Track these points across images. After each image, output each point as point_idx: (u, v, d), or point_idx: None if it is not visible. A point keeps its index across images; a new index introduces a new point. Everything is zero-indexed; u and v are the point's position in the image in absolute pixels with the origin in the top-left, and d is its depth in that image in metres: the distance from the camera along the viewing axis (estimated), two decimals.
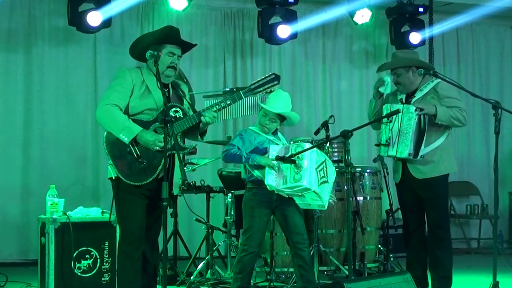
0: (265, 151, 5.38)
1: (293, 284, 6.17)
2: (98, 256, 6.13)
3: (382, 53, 9.86)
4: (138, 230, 5.02)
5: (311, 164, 5.21)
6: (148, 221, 5.08)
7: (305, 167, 5.17)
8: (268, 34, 8.83)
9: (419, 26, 9.44)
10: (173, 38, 5.13)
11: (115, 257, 5.76)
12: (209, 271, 6.68)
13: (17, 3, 8.46)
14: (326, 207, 5.43)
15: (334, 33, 9.76)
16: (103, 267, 6.15)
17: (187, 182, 4.72)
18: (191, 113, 5.14)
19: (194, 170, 7.25)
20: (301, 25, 9.07)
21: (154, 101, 5.05)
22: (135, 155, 4.97)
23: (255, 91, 5.29)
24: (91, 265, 6.11)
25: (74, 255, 6.06)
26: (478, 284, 6.94)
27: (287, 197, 5.37)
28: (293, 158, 5.18)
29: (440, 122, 5.83)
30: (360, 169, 7.01)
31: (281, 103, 5.43)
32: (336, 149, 7.08)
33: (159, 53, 5.01)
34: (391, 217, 6.95)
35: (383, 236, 7.11)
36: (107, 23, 8.17)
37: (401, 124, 5.77)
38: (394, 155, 5.85)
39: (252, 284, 6.37)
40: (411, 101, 5.89)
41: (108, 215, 5.87)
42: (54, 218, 6.06)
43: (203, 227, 6.99)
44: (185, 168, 6.35)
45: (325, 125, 6.55)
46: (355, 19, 9.18)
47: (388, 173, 6.83)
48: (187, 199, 6.95)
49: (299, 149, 5.21)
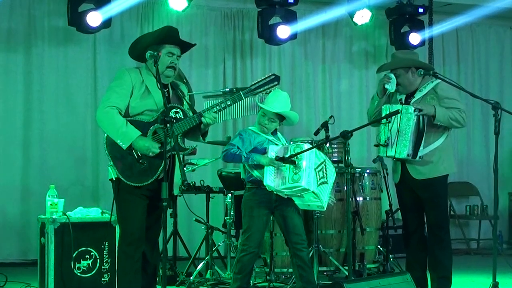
0: (264, 151, 5.37)
1: (292, 285, 6.16)
2: (97, 256, 6.13)
3: (382, 54, 9.86)
4: (138, 230, 5.02)
5: (310, 164, 5.20)
6: (148, 222, 5.08)
7: (304, 168, 5.17)
8: (268, 35, 8.82)
9: (419, 26, 9.43)
10: (172, 38, 5.12)
11: (115, 257, 5.76)
12: (208, 271, 6.68)
13: (17, 3, 8.45)
14: (325, 208, 5.43)
15: (334, 34, 9.76)
16: (103, 267, 6.14)
17: (186, 182, 4.72)
18: (191, 113, 5.14)
19: (193, 171, 7.25)
20: (301, 25, 9.06)
21: (154, 102, 5.05)
22: (135, 156, 4.97)
23: (255, 92, 5.29)
24: (90, 265, 6.11)
25: (74, 255, 6.06)
26: (478, 285, 6.94)
27: (286, 197, 5.37)
28: (292, 159, 5.18)
29: (439, 123, 5.82)
30: (359, 169, 7.01)
31: (279, 103, 5.42)
32: (335, 150, 7.08)
33: (159, 53, 5.01)
34: (390, 218, 6.96)
35: (383, 236, 7.10)
36: (107, 23, 8.17)
37: (400, 124, 5.76)
38: (393, 156, 5.84)
39: (252, 284, 6.37)
40: (411, 102, 5.88)
41: (108, 215, 5.87)
42: (54, 218, 6.06)
43: (203, 227, 6.98)
44: (185, 168, 6.35)
45: (324, 125, 6.55)
46: (355, 19, 9.17)
47: (387, 174, 6.83)
48: (186, 199, 6.94)
49: (298, 149, 5.20)
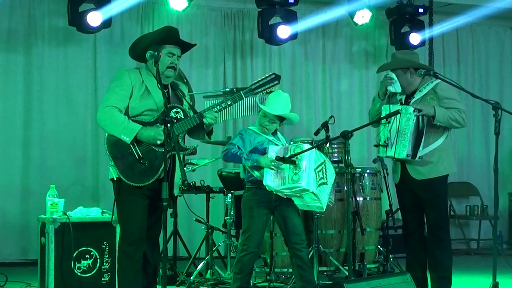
0: (264, 151, 5.38)
1: (292, 285, 6.16)
2: (98, 256, 6.13)
3: (382, 54, 9.86)
4: (139, 230, 5.02)
5: (309, 165, 5.21)
6: (149, 221, 5.08)
7: (303, 168, 5.17)
8: (268, 35, 8.82)
9: (419, 26, 9.43)
10: (172, 38, 5.12)
11: (115, 257, 5.76)
12: (208, 271, 6.68)
13: (17, 3, 8.45)
14: (324, 209, 5.44)
15: (334, 34, 9.76)
16: (103, 267, 6.14)
17: (187, 182, 4.71)
18: (191, 113, 5.14)
19: (194, 171, 7.25)
20: (301, 25, 9.06)
21: (154, 102, 5.05)
22: (136, 156, 4.97)
23: (256, 91, 5.28)
24: (91, 265, 6.11)
25: (74, 255, 6.06)
26: (478, 285, 6.94)
27: (285, 197, 5.37)
28: (292, 159, 5.18)
29: (438, 123, 5.81)
30: (360, 169, 7.01)
31: (280, 104, 5.42)
32: (336, 150, 7.08)
33: (159, 53, 5.01)
34: (390, 218, 6.96)
35: (383, 236, 7.10)
36: (107, 23, 8.17)
37: (399, 125, 5.75)
38: (392, 156, 5.84)
39: (252, 284, 6.37)
40: (410, 102, 5.88)
41: (108, 215, 5.87)
42: (54, 218, 6.06)
43: (203, 227, 6.98)
44: (185, 168, 6.35)
45: (325, 125, 6.55)
46: (355, 19, 9.17)
47: (388, 174, 6.83)
48: (187, 199, 6.95)
49: (298, 149, 5.21)
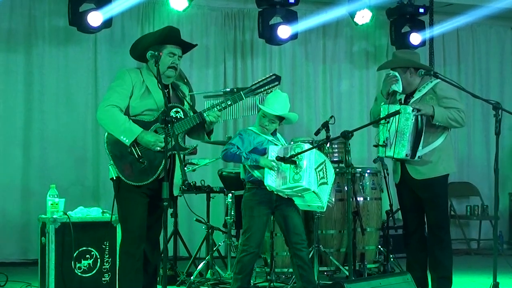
0: (264, 152, 5.38)
1: (293, 285, 6.16)
2: (98, 256, 6.13)
3: (382, 54, 9.85)
4: (139, 229, 5.02)
5: (310, 164, 5.21)
6: (149, 221, 5.08)
7: (304, 168, 5.18)
8: (268, 35, 8.82)
9: (419, 26, 9.43)
10: (173, 38, 5.12)
11: (116, 257, 5.76)
12: (209, 271, 6.68)
13: (17, 3, 8.45)
14: (325, 209, 5.44)
15: (334, 34, 9.75)
16: (103, 267, 6.14)
17: (187, 182, 4.72)
18: (191, 113, 5.14)
19: (194, 171, 7.25)
20: (302, 25, 9.06)
21: (154, 102, 5.05)
22: (136, 155, 4.97)
23: (256, 92, 5.28)
24: (91, 265, 6.11)
25: (75, 255, 6.05)
26: (478, 285, 6.94)
27: (286, 197, 5.38)
28: (293, 159, 5.18)
29: (437, 123, 5.81)
30: (360, 169, 7.01)
31: (279, 104, 5.44)
32: (336, 150, 7.08)
33: (160, 53, 5.01)
34: (391, 218, 6.96)
35: (383, 236, 7.10)
36: (107, 23, 8.17)
37: (398, 124, 5.75)
38: (392, 156, 5.83)
39: (252, 284, 6.37)
40: (410, 102, 5.88)
41: (108, 215, 5.87)
42: (55, 218, 6.05)
43: (203, 227, 6.98)
44: (186, 168, 6.35)
45: (325, 125, 6.54)
46: (355, 19, 9.17)
47: (388, 174, 6.83)
48: (187, 199, 6.94)
49: (298, 149, 5.21)
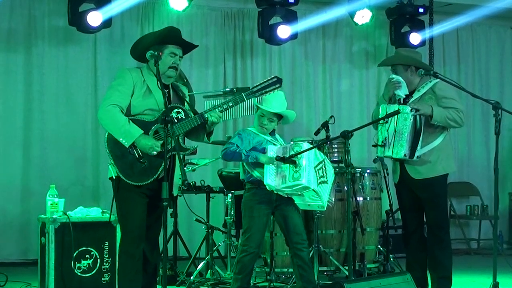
0: (263, 151, 5.38)
1: (293, 285, 6.16)
2: (98, 256, 6.13)
3: (382, 54, 9.85)
4: (138, 228, 5.02)
5: (309, 162, 5.22)
6: (148, 221, 5.07)
7: (303, 166, 5.18)
8: (268, 35, 8.82)
9: (419, 26, 9.43)
10: (174, 38, 5.12)
11: (115, 257, 5.76)
12: (209, 271, 6.68)
13: (17, 3, 8.45)
14: (325, 208, 5.44)
15: (334, 34, 9.76)
16: (103, 267, 6.14)
17: (187, 182, 4.71)
18: (191, 114, 5.14)
19: (194, 170, 7.25)
20: (301, 25, 9.06)
21: (155, 101, 5.04)
22: (136, 155, 4.97)
23: (257, 94, 5.28)
24: (91, 265, 6.11)
25: (74, 255, 6.06)
26: (478, 285, 6.94)
27: (286, 196, 5.37)
28: (293, 159, 5.18)
29: (436, 123, 5.81)
30: (360, 169, 7.00)
31: (277, 102, 5.46)
32: (336, 150, 7.08)
33: (160, 53, 5.00)
34: (391, 218, 6.96)
35: (383, 236, 7.10)
36: (107, 23, 8.17)
37: (396, 124, 5.75)
38: (390, 156, 5.84)
39: (252, 284, 6.37)
40: (409, 102, 5.88)
41: (108, 215, 5.87)
42: (54, 218, 6.06)
43: (203, 227, 6.98)
44: (185, 168, 6.35)
45: (325, 125, 6.55)
46: (355, 19, 9.17)
47: (388, 174, 6.83)
48: (187, 199, 6.94)
49: (297, 148, 5.22)
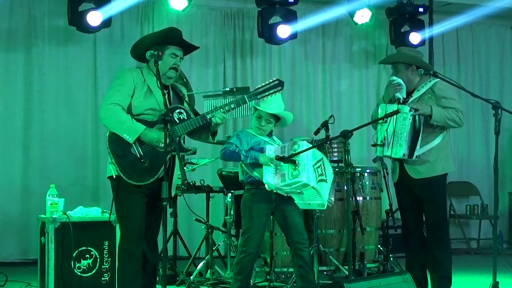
0: (261, 151, 5.38)
1: (292, 284, 6.16)
2: (98, 256, 6.13)
3: (382, 53, 9.85)
4: (138, 228, 5.02)
5: (308, 161, 5.23)
6: (147, 221, 5.07)
7: (302, 164, 5.19)
8: (268, 34, 8.82)
9: (419, 26, 9.44)
10: (175, 38, 5.12)
11: (115, 256, 5.76)
12: (208, 271, 6.68)
13: (17, 3, 8.46)
14: (325, 207, 5.44)
15: (334, 33, 9.76)
16: (103, 266, 6.14)
17: (186, 182, 4.72)
18: (192, 114, 5.15)
19: (194, 170, 7.25)
20: (301, 25, 9.07)
21: (156, 102, 5.04)
22: (137, 155, 4.97)
23: (259, 96, 5.29)
24: (91, 264, 6.11)
25: (74, 254, 6.06)
26: (478, 285, 6.94)
27: (286, 195, 5.37)
28: (292, 159, 5.18)
29: (435, 123, 5.81)
30: (360, 169, 7.00)
31: (274, 104, 5.45)
32: (336, 149, 7.08)
33: (160, 53, 5.00)
34: (390, 217, 6.96)
35: (383, 236, 7.10)
36: (107, 23, 8.17)
37: (396, 124, 5.75)
38: (389, 156, 5.84)
39: (252, 284, 6.37)
40: (408, 101, 5.88)
41: (108, 215, 5.87)
42: (54, 218, 6.06)
43: (203, 227, 6.98)
44: (185, 168, 6.35)
45: (325, 125, 6.55)
46: (355, 19, 9.18)
47: (388, 173, 6.83)
48: (187, 199, 6.95)
49: (296, 147, 5.22)
